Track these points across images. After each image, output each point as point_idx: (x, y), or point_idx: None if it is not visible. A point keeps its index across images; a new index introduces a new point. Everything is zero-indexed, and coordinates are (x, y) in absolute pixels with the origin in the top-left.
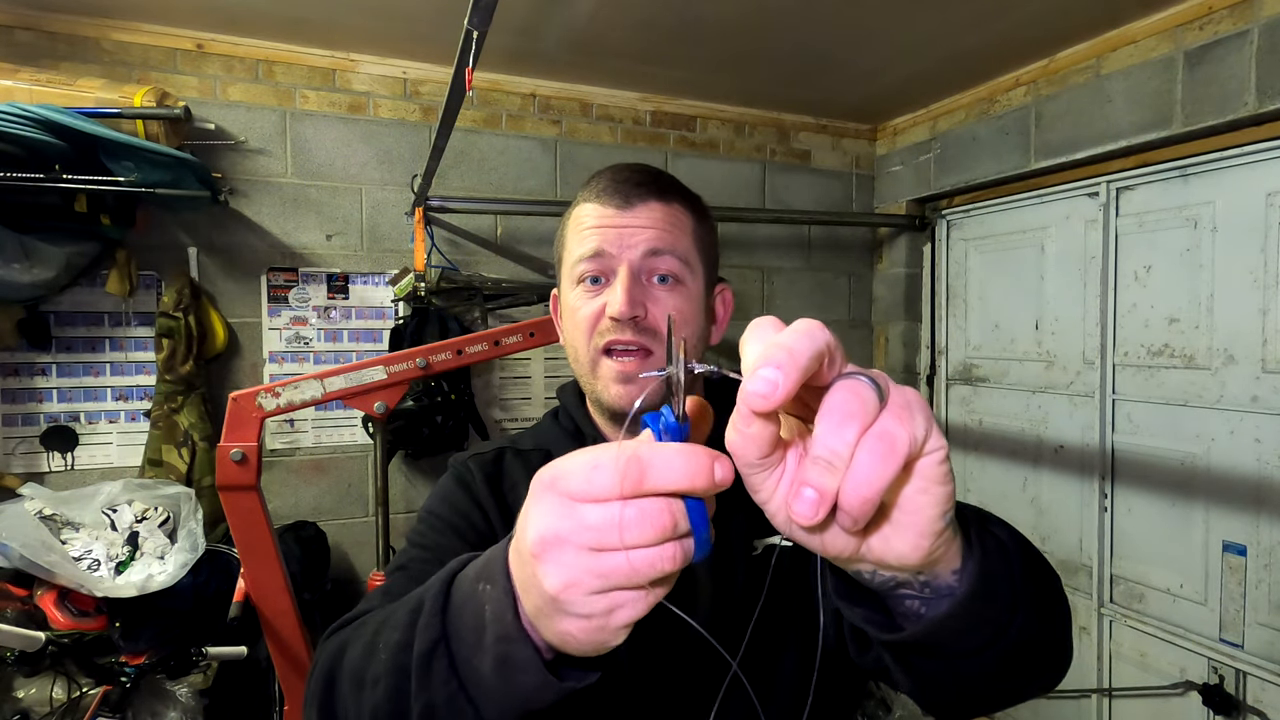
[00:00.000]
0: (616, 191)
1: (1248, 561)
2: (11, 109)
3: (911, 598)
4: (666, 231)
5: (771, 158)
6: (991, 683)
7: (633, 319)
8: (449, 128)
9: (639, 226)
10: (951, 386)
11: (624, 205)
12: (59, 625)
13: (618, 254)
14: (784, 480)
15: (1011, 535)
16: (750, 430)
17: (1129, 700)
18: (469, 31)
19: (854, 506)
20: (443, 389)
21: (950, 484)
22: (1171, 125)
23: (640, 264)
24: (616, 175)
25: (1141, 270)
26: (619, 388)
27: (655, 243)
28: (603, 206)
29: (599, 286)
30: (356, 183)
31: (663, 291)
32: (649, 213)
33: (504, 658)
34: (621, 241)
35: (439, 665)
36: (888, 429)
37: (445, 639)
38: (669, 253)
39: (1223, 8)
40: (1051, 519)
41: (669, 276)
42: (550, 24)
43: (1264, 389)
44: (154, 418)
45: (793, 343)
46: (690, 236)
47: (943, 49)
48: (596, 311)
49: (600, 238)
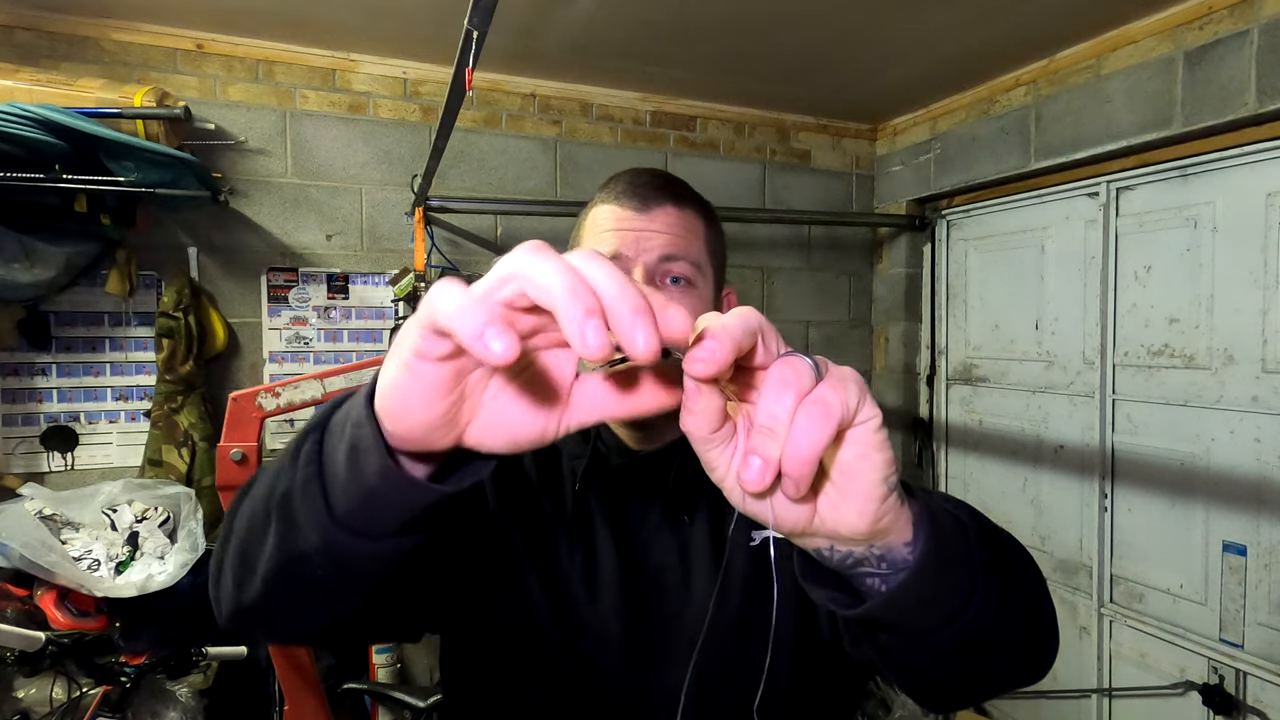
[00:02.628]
0: (635, 195)
1: (1248, 561)
2: (11, 109)
3: (871, 575)
4: (680, 237)
5: (771, 158)
6: (960, 663)
7: None
8: (449, 128)
9: (655, 230)
10: (951, 386)
11: (641, 209)
12: (59, 625)
13: (634, 256)
14: (735, 456)
15: (972, 515)
16: (698, 406)
17: (1129, 700)
18: (469, 31)
19: (794, 469)
20: None
21: (888, 451)
22: (1171, 125)
23: (655, 267)
24: (635, 179)
25: (1141, 270)
26: None
27: (670, 247)
28: (620, 209)
29: None
30: (356, 183)
31: (675, 294)
32: (665, 217)
33: (354, 441)
34: (638, 244)
35: (308, 448)
36: (823, 395)
37: (322, 428)
38: (683, 257)
39: (1223, 8)
40: (1051, 519)
41: (681, 279)
42: (550, 24)
43: (1264, 389)
44: (154, 418)
45: (727, 319)
46: (702, 241)
47: (943, 49)
48: None
49: (618, 240)
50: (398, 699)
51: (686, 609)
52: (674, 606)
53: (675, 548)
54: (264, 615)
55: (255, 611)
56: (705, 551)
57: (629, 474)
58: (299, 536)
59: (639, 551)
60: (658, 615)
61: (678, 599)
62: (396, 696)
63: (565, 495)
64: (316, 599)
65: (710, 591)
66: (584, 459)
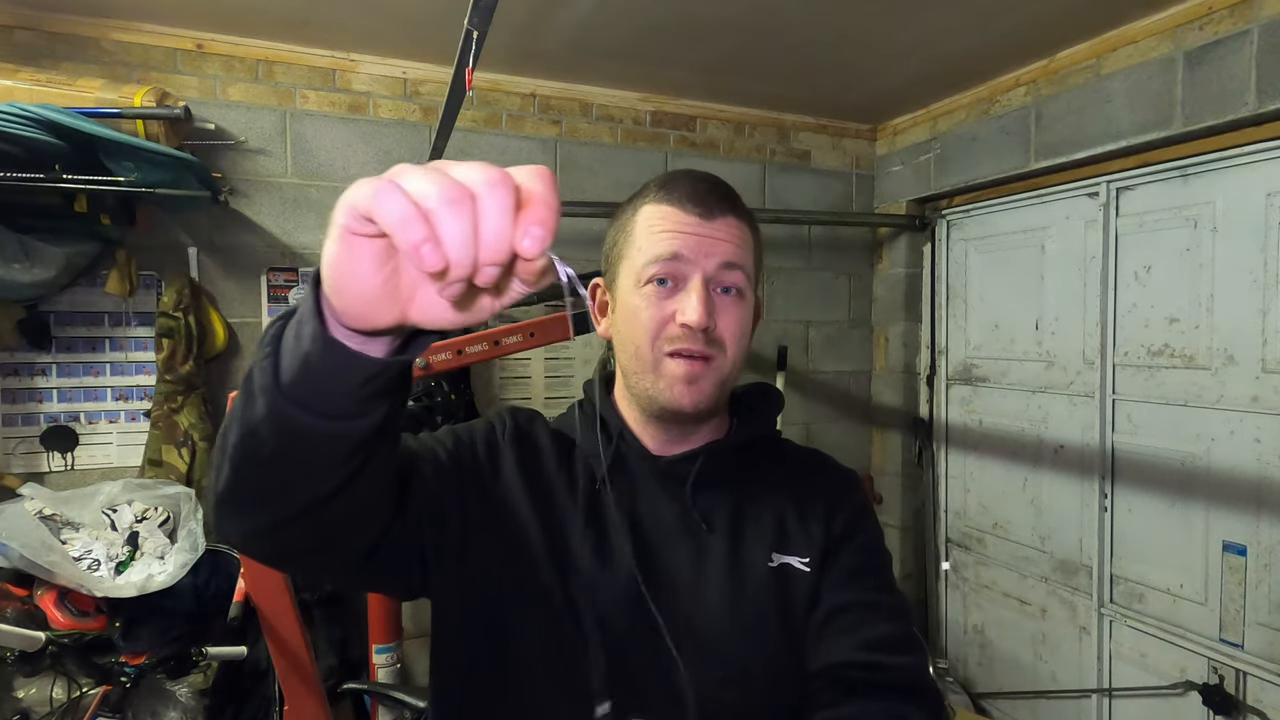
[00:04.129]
0: (701, 200)
1: (1248, 561)
2: (11, 109)
3: None
4: (739, 247)
5: (771, 158)
6: None
7: (704, 329)
8: (449, 128)
9: (719, 239)
10: (951, 386)
11: (707, 215)
12: (59, 625)
13: (695, 260)
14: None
15: None
16: None
17: (1129, 700)
18: (469, 31)
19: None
20: (443, 389)
21: None
22: (1171, 125)
23: (715, 274)
24: (698, 184)
25: (1141, 270)
26: (683, 387)
27: (732, 256)
28: (683, 212)
29: (667, 289)
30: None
31: (728, 303)
32: (727, 227)
33: (299, 315)
34: (701, 250)
35: (274, 330)
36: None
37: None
38: (740, 268)
39: (1223, 8)
40: (1051, 519)
41: (733, 289)
42: (550, 24)
43: (1264, 389)
44: (154, 418)
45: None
46: (752, 254)
47: (943, 49)
48: (666, 316)
49: (680, 242)
50: (398, 699)
51: (696, 613)
52: (685, 609)
53: (690, 554)
54: (234, 499)
55: (228, 497)
56: (722, 563)
57: (647, 478)
58: (253, 408)
59: (653, 555)
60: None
61: (689, 602)
62: (396, 696)
63: (579, 492)
64: (272, 477)
65: (724, 603)
66: (604, 459)
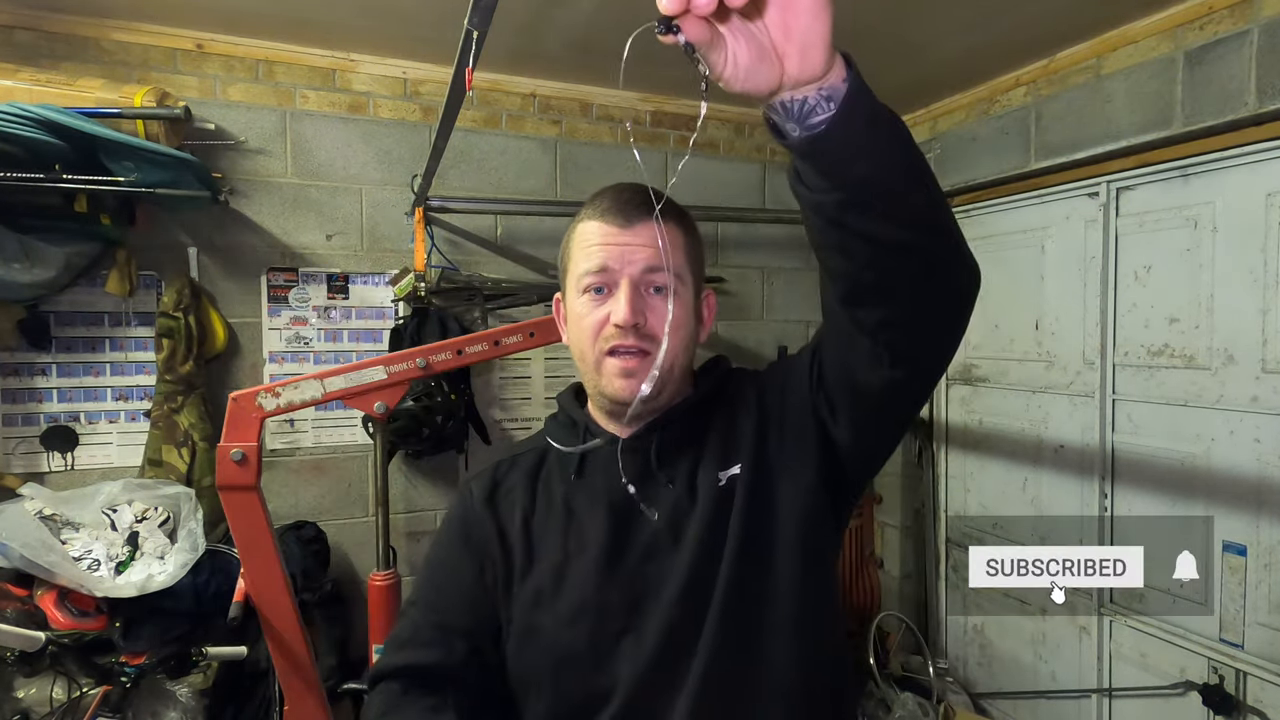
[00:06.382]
0: (619, 211)
1: (1248, 561)
2: (11, 109)
3: (821, 118)
4: (661, 249)
5: (771, 158)
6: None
7: (634, 326)
8: (449, 128)
9: (639, 245)
10: (951, 386)
11: (625, 224)
12: (59, 625)
13: (620, 269)
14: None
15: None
16: None
17: (1129, 700)
18: (469, 31)
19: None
20: (443, 389)
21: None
22: (1171, 125)
23: (640, 278)
24: (618, 196)
25: (1141, 270)
26: (622, 381)
27: (653, 260)
28: (606, 225)
29: (603, 296)
30: (356, 183)
31: (659, 301)
32: (648, 232)
33: None
34: (623, 258)
35: None
36: None
37: None
38: (662, 269)
39: (1223, 8)
40: (1051, 519)
41: (664, 288)
42: (550, 24)
43: (1264, 389)
44: (154, 418)
45: None
46: (682, 252)
47: (942, 49)
48: (601, 319)
49: (605, 254)
50: None
51: (673, 566)
52: (665, 565)
53: (666, 510)
54: None
55: None
56: (686, 500)
57: (616, 457)
58: None
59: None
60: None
61: (667, 558)
62: None
63: (555, 492)
64: None
65: (696, 536)
66: (574, 452)
